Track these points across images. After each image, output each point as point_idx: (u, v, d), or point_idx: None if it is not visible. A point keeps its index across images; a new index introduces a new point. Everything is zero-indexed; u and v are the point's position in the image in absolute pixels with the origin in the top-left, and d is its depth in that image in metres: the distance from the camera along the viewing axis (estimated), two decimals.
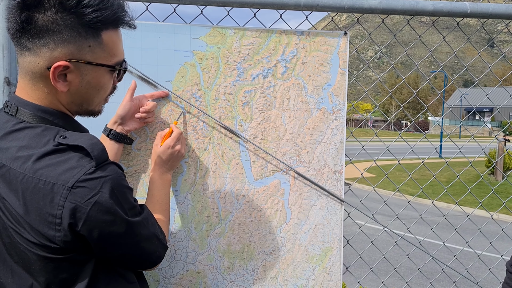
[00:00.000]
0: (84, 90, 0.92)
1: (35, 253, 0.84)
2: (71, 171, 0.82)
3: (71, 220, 0.81)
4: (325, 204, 1.51)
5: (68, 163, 0.82)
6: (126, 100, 1.29)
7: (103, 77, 0.94)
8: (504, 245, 3.46)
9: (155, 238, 0.99)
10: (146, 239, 0.95)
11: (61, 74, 0.88)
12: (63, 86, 0.89)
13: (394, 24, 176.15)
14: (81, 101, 0.94)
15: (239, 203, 1.45)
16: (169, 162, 1.28)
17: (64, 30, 0.85)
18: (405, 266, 5.45)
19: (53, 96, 0.91)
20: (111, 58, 0.94)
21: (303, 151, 1.48)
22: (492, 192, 2.16)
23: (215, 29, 1.41)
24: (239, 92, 1.44)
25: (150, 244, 0.97)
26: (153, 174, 1.26)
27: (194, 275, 1.44)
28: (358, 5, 1.48)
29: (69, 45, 0.86)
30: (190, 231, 1.43)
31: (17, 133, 0.88)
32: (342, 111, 1.51)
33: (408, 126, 49.72)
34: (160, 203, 1.20)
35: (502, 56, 1.91)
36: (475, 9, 1.56)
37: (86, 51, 0.88)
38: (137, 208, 0.94)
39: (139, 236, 0.93)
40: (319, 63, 1.48)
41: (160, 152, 1.27)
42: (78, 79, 0.90)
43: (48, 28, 0.84)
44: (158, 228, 1.02)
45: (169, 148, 1.27)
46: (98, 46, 0.90)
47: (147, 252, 0.97)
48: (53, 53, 0.86)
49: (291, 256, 1.49)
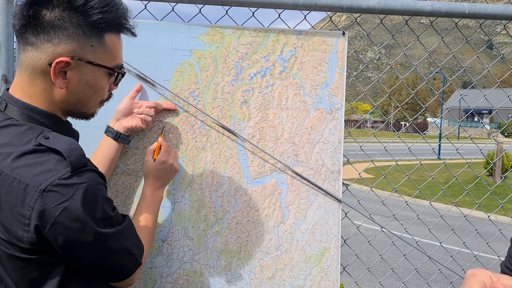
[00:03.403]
0: (81, 89, 0.94)
1: (3, 251, 0.85)
2: (46, 174, 0.82)
3: (38, 223, 0.81)
4: (323, 204, 1.51)
5: (45, 165, 0.83)
6: (127, 97, 1.31)
7: (101, 79, 0.96)
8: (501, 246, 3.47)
9: (127, 252, 0.96)
10: (116, 252, 0.93)
11: (61, 71, 0.90)
12: (62, 83, 0.90)
13: (393, 25, 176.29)
14: (76, 101, 0.95)
15: (236, 202, 1.45)
16: (162, 178, 1.26)
17: (69, 27, 0.88)
18: (402, 266, 5.46)
19: (49, 93, 0.92)
20: (111, 61, 0.96)
21: (301, 150, 1.48)
22: (490, 193, 2.16)
23: (213, 28, 1.41)
24: (237, 91, 1.44)
25: (120, 257, 0.95)
26: (145, 189, 1.24)
27: (191, 274, 1.43)
28: (356, 5, 1.48)
29: (72, 42, 0.89)
30: (187, 230, 1.42)
31: (3, 129, 0.89)
32: (340, 111, 1.51)
33: (407, 127, 49.77)
34: (146, 220, 1.18)
35: (500, 57, 1.91)
36: (473, 9, 1.56)
37: (88, 50, 0.91)
38: (113, 219, 0.92)
39: (109, 248, 0.91)
40: (317, 63, 1.48)
41: (153, 168, 1.25)
42: (77, 77, 0.92)
43: (54, 24, 0.87)
44: (134, 243, 1.00)
45: (162, 164, 1.25)
46: (100, 47, 0.92)
47: (116, 265, 0.95)
48: (56, 49, 0.88)
49: (288, 256, 1.49)
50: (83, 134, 1.35)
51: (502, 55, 2.04)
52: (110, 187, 1.37)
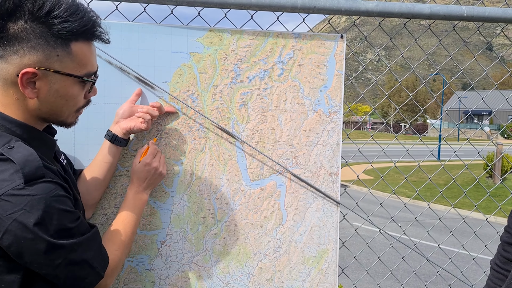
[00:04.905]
0: (52, 99, 0.95)
1: None
2: (1, 183, 0.83)
3: None
4: (321, 206, 1.51)
5: (2, 174, 0.84)
6: (128, 101, 1.32)
7: (71, 88, 0.96)
8: None
9: (86, 264, 0.95)
10: (73, 263, 0.92)
11: (30, 81, 0.91)
12: (31, 93, 0.92)
13: (393, 27, 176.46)
14: (49, 110, 0.96)
15: (235, 204, 1.45)
16: (145, 181, 1.25)
17: (33, 38, 0.89)
18: (401, 268, 5.46)
19: (21, 103, 0.93)
20: (80, 69, 0.96)
21: (300, 152, 1.49)
22: (488, 195, 2.17)
23: (212, 31, 1.42)
24: (236, 93, 1.44)
25: (78, 270, 0.94)
26: (128, 191, 1.24)
27: (190, 276, 1.44)
28: (355, 8, 1.48)
29: (37, 53, 0.90)
30: (186, 232, 1.43)
31: None
32: (338, 113, 1.51)
33: (406, 129, 49.78)
34: (124, 225, 1.17)
35: (498, 59, 1.92)
36: (471, 12, 1.57)
37: (54, 60, 0.92)
38: (72, 230, 0.92)
39: (65, 259, 0.90)
40: (316, 65, 1.48)
41: (136, 169, 1.25)
42: (47, 87, 0.93)
43: (18, 36, 0.88)
44: (96, 255, 0.99)
45: (145, 166, 1.25)
46: (66, 56, 0.93)
47: (74, 276, 0.94)
48: (22, 60, 0.89)
49: (286, 258, 1.49)
50: (82, 137, 1.36)
51: (502, 57, 2.04)
52: (109, 189, 1.37)
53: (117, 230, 1.15)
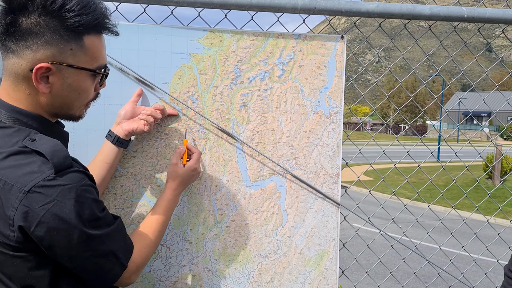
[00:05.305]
0: (65, 93, 0.94)
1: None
2: (30, 175, 0.83)
3: (22, 223, 0.82)
4: (322, 207, 1.51)
5: (30, 166, 0.84)
6: (129, 102, 1.33)
7: (84, 81, 0.96)
8: (500, 249, 3.46)
9: (112, 255, 0.95)
10: (101, 255, 0.92)
11: (43, 76, 0.90)
12: (45, 88, 0.91)
13: (393, 28, 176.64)
14: (61, 104, 0.96)
15: (235, 205, 1.45)
16: (188, 184, 1.29)
17: (46, 33, 0.88)
18: (401, 269, 5.45)
19: (33, 98, 0.93)
20: (92, 62, 0.96)
21: (300, 154, 1.48)
22: (488, 196, 2.16)
23: (212, 32, 1.42)
24: (236, 94, 1.44)
25: (105, 261, 0.94)
26: (168, 192, 1.24)
27: (190, 278, 1.43)
28: (355, 9, 1.48)
29: (51, 48, 0.89)
30: (186, 233, 1.42)
31: None
32: (339, 114, 1.51)
33: (406, 130, 49.78)
34: (158, 224, 1.17)
35: (498, 61, 1.92)
36: (472, 13, 1.56)
37: (68, 54, 0.91)
38: (101, 221, 0.92)
39: (95, 250, 0.91)
40: (316, 66, 1.48)
41: (183, 173, 1.26)
42: (60, 81, 0.92)
43: (31, 31, 0.87)
44: (122, 246, 0.98)
45: (193, 171, 1.28)
46: (80, 49, 0.93)
47: (101, 268, 0.94)
48: (35, 55, 0.88)
49: (287, 260, 1.49)
50: (82, 137, 1.35)
51: (501, 58, 2.04)
52: (109, 190, 1.36)
53: (150, 228, 1.15)
